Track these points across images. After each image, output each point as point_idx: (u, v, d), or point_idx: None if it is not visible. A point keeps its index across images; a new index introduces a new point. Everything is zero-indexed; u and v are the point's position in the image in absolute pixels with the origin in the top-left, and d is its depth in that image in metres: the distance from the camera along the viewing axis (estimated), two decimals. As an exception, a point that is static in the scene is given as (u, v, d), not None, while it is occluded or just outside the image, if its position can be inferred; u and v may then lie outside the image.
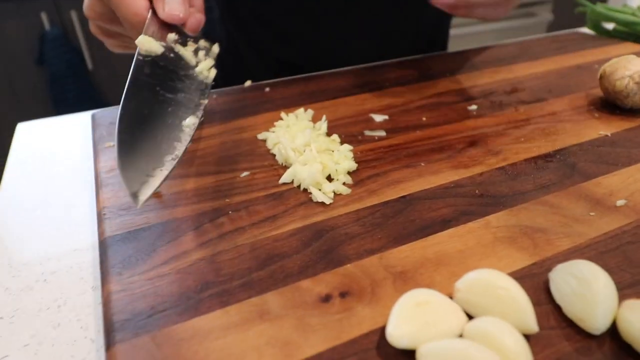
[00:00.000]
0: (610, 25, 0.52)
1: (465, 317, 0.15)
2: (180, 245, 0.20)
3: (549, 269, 0.17)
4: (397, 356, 0.15)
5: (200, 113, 0.23)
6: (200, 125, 0.30)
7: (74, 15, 1.33)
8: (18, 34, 1.30)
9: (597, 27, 0.53)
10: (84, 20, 1.35)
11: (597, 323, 0.15)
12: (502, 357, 0.13)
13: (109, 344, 0.15)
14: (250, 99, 0.34)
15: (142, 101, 0.21)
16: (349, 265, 0.18)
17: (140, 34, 0.23)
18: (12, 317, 0.20)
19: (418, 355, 0.14)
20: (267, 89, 0.36)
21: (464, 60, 0.42)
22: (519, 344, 0.14)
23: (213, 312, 0.16)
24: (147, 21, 0.23)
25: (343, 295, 0.17)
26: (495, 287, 0.15)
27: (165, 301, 0.17)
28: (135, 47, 0.23)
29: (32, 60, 1.34)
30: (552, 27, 2.07)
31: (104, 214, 0.21)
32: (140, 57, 0.23)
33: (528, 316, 0.15)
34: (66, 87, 1.39)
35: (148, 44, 0.23)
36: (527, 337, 0.15)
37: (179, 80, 0.23)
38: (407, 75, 0.38)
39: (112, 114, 0.32)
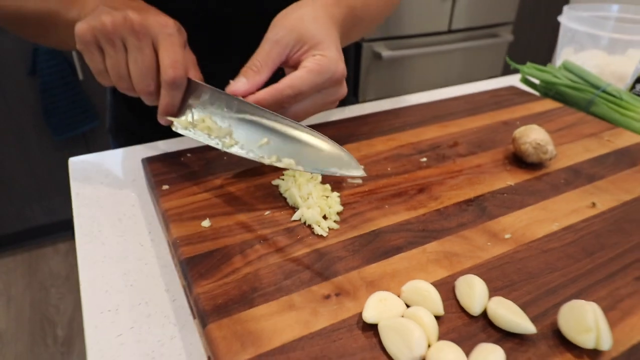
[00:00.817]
0: (537, 80, 0.66)
1: (405, 307, 0.27)
2: (233, 264, 0.31)
3: (455, 279, 0.30)
4: (367, 329, 0.27)
5: None
6: (230, 169, 0.41)
7: (67, 29, 1.39)
8: (13, 46, 1.35)
9: (527, 81, 0.67)
10: (76, 34, 1.41)
11: (475, 309, 0.27)
12: (422, 328, 0.25)
13: (205, 324, 0.27)
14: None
15: None
16: (340, 277, 0.30)
17: (175, 80, 0.35)
18: (116, 309, 0.32)
19: (379, 326, 0.26)
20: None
21: (424, 113, 0.54)
22: (432, 321, 0.26)
23: (261, 306, 0.28)
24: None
25: (337, 295, 0.29)
26: (423, 289, 0.28)
27: (232, 298, 0.28)
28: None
29: (25, 71, 1.40)
30: (512, 46, 2.25)
31: (179, 243, 0.33)
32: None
33: (438, 306, 0.27)
34: (57, 97, 1.46)
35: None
36: (438, 318, 0.27)
37: None
38: (375, 129, 0.50)
39: (160, 159, 0.43)
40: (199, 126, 0.37)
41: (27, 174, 1.54)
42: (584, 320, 0.25)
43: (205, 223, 0.35)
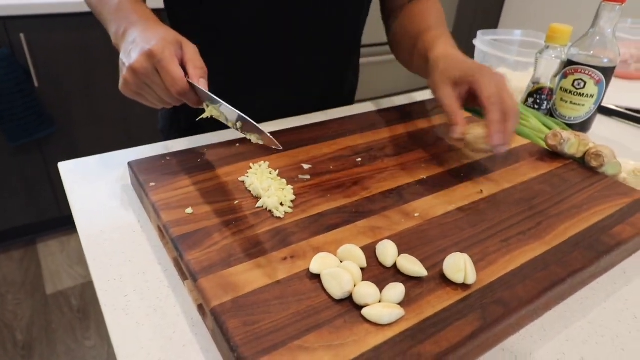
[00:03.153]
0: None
1: (339, 262, 0.39)
2: (213, 239, 0.41)
3: (376, 244, 0.42)
4: (313, 277, 0.38)
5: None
6: (208, 168, 0.51)
7: (22, 37, 1.42)
8: (-33, 54, 1.36)
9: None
10: (31, 41, 1.45)
11: (388, 263, 0.39)
12: (350, 274, 0.37)
13: (195, 279, 0.37)
14: (228, 152, 0.56)
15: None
16: (293, 245, 0.41)
17: (180, 92, 0.46)
18: (120, 278, 0.41)
19: (321, 275, 0.37)
20: (237, 145, 0.58)
21: (362, 122, 0.66)
22: (357, 270, 0.38)
23: (236, 266, 0.38)
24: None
25: (292, 257, 0.40)
26: (352, 250, 0.39)
27: (215, 262, 0.39)
28: (153, 101, 0.49)
29: (-20, 78, 1.41)
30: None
31: (169, 225, 0.42)
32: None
33: (362, 260, 0.39)
34: (13, 103, 1.48)
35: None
36: (363, 269, 0.39)
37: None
38: (322, 135, 0.62)
39: (144, 162, 0.53)
40: (211, 112, 0.49)
41: (-19, 181, 1.54)
42: (457, 265, 0.38)
43: (189, 210, 0.45)
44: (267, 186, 0.48)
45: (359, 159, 0.57)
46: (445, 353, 0.32)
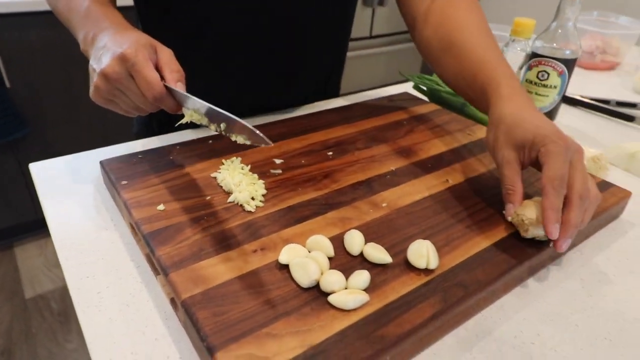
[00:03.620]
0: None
1: (307, 252, 0.40)
2: (184, 234, 0.42)
3: (344, 233, 0.43)
4: (282, 268, 0.39)
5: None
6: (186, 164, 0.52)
7: (-6, 39, 1.39)
8: None
9: (418, 88, 0.83)
10: (2, 41, 1.42)
11: (354, 251, 0.41)
12: (317, 263, 0.38)
13: (167, 274, 0.38)
14: (201, 149, 0.57)
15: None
16: (264, 238, 0.42)
17: (157, 96, 0.44)
18: (93, 276, 0.42)
19: (290, 265, 0.38)
20: (210, 142, 0.58)
21: (330, 117, 0.68)
22: (325, 259, 0.39)
23: (207, 260, 0.39)
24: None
25: (262, 249, 0.41)
26: (320, 240, 0.41)
27: (185, 256, 0.39)
28: (126, 108, 0.47)
29: (-50, 80, 1.38)
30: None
31: (141, 222, 0.43)
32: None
33: (330, 250, 0.40)
34: (-15, 105, 1.45)
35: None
36: (330, 258, 0.40)
37: None
38: (294, 130, 0.63)
39: (116, 160, 0.53)
40: (191, 116, 0.47)
41: (-46, 185, 1.51)
42: (420, 251, 0.39)
43: (160, 207, 0.45)
44: (238, 181, 0.49)
45: (330, 153, 0.58)
46: (407, 334, 0.34)
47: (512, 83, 0.52)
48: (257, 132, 0.39)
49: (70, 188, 0.54)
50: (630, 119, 0.81)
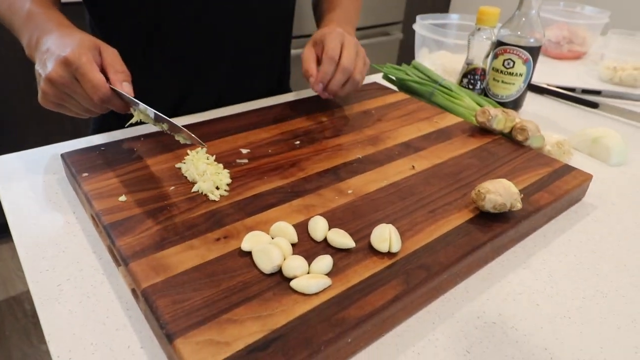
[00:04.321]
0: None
1: (270, 239, 0.40)
2: (146, 224, 0.42)
3: (309, 219, 0.43)
4: (245, 255, 0.39)
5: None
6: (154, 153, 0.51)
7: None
8: None
9: (388, 78, 0.84)
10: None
11: (318, 237, 0.41)
12: (280, 249, 0.38)
13: (127, 264, 0.37)
14: (166, 140, 0.56)
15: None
16: (227, 226, 0.42)
17: (103, 98, 0.44)
18: (53, 268, 0.41)
19: (252, 251, 0.38)
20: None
21: (299, 107, 0.67)
22: (288, 245, 0.39)
23: (169, 249, 0.39)
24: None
25: (225, 237, 0.41)
26: (283, 226, 0.40)
27: (147, 246, 0.39)
28: (77, 110, 0.47)
29: None
30: (402, 43, 2.49)
31: (101, 213, 0.42)
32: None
33: (293, 236, 0.40)
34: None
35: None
36: (294, 244, 0.40)
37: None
38: (263, 120, 0.63)
39: (77, 152, 0.52)
40: (139, 116, 0.49)
41: None
42: (382, 234, 0.40)
43: (122, 198, 0.45)
44: (203, 171, 0.48)
45: (297, 142, 0.58)
46: (368, 316, 0.34)
47: (337, 18, 0.70)
48: (192, 135, 0.43)
49: (30, 182, 0.53)
50: (594, 105, 0.83)
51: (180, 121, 0.66)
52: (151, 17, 0.66)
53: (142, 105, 0.46)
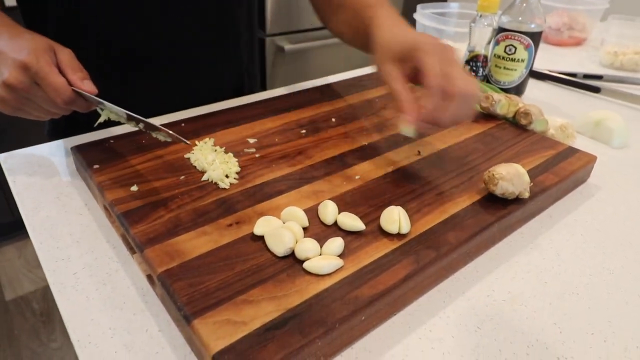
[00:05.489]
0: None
1: (282, 224, 0.40)
2: (158, 212, 0.42)
3: (318, 204, 0.44)
4: (257, 239, 0.39)
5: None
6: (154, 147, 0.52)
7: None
8: None
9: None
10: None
11: (328, 220, 0.41)
12: (292, 232, 0.39)
13: (142, 250, 0.38)
14: (173, 131, 0.56)
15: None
16: (239, 212, 0.43)
17: (67, 100, 0.44)
18: (68, 258, 0.41)
19: (265, 235, 0.39)
20: (183, 124, 0.58)
21: (303, 98, 0.68)
22: (299, 229, 0.39)
23: (182, 235, 0.40)
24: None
25: (237, 223, 0.41)
26: (293, 211, 0.41)
27: (161, 233, 0.40)
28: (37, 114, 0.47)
29: None
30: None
31: (114, 203, 0.43)
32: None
33: (304, 220, 0.41)
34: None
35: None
36: (305, 228, 0.41)
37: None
38: (266, 111, 0.63)
39: (87, 146, 0.52)
40: (107, 115, 0.49)
41: None
42: (391, 216, 0.40)
43: (134, 188, 0.45)
44: (212, 160, 0.49)
45: (304, 131, 0.58)
46: (381, 294, 0.35)
47: (386, 13, 0.57)
48: (170, 132, 0.42)
49: (42, 176, 0.53)
50: (596, 90, 0.83)
51: (177, 116, 0.66)
52: (110, 22, 0.63)
53: (108, 105, 0.46)
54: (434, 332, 0.36)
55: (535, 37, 0.73)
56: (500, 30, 0.75)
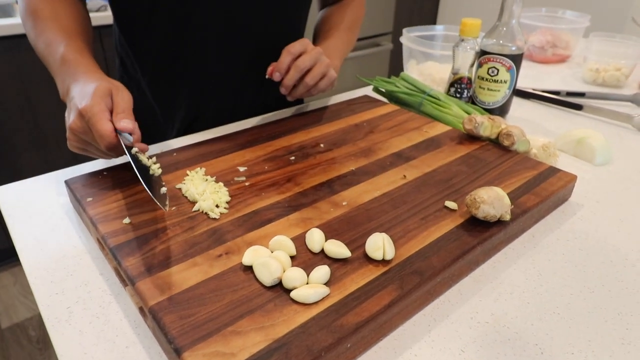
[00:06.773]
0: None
1: (270, 253, 0.42)
2: (150, 244, 0.43)
3: (306, 232, 0.45)
4: (246, 269, 0.41)
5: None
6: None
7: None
8: None
9: (378, 90, 0.86)
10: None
11: (315, 248, 0.42)
12: (279, 262, 0.40)
13: (133, 283, 0.39)
14: (166, 161, 0.58)
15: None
16: (229, 242, 0.44)
17: (108, 146, 0.47)
18: (62, 291, 0.42)
19: (253, 265, 0.40)
20: (175, 154, 0.60)
21: (293, 123, 0.70)
22: (287, 258, 0.41)
23: (173, 267, 0.41)
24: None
25: (227, 253, 0.43)
26: (281, 240, 0.42)
27: (152, 265, 0.41)
28: (98, 154, 0.50)
29: None
30: (393, 53, 2.53)
31: (107, 236, 0.44)
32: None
33: (292, 249, 0.42)
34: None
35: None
36: (293, 257, 0.42)
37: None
38: (258, 138, 0.65)
39: (81, 178, 0.54)
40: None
41: None
42: (376, 243, 0.42)
43: (126, 220, 0.46)
44: (202, 190, 0.50)
45: (293, 158, 0.60)
46: (366, 321, 0.36)
47: (326, 47, 0.75)
48: (153, 198, 0.44)
49: (36, 209, 0.54)
50: (578, 107, 0.85)
51: (177, 142, 0.68)
52: (177, 32, 0.70)
53: (130, 153, 0.49)
54: (420, 356, 0.37)
55: (517, 59, 0.75)
56: (483, 53, 0.77)
